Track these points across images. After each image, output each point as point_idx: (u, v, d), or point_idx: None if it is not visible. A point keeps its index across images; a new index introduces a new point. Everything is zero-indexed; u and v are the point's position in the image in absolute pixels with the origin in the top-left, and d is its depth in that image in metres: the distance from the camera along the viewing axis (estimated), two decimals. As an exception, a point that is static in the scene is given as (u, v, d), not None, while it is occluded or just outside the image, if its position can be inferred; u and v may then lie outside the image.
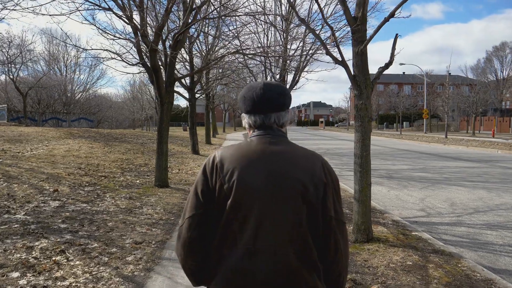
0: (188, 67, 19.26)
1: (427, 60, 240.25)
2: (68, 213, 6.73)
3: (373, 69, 5.49)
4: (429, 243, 5.65)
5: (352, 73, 5.53)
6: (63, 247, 5.07)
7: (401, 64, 56.16)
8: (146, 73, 9.37)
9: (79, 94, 35.35)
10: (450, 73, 39.34)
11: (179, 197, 8.58)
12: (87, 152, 13.95)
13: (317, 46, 11.81)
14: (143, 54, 9.30)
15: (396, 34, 5.68)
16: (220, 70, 23.24)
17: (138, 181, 10.22)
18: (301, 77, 12.40)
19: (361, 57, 5.46)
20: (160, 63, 10.60)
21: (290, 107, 1.83)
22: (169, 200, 8.19)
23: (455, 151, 23.41)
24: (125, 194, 8.53)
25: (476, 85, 58.61)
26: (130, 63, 9.43)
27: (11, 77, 24.27)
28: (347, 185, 10.87)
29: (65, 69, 34.16)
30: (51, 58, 33.45)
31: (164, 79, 9.47)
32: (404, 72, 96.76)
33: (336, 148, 26.19)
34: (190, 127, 19.05)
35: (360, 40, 5.46)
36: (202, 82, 20.83)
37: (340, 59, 5.58)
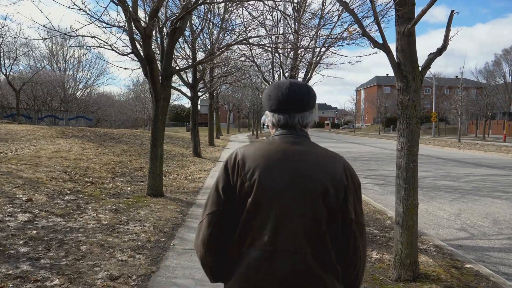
0: (190, 63, 18.01)
1: (433, 63, 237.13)
2: (35, 231, 5.47)
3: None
4: (493, 281, 4.35)
5: (396, 59, 4.24)
6: (11, 285, 3.80)
7: (409, 65, 54.68)
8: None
9: (79, 92, 34.19)
10: (457, 76, 38.06)
11: (174, 210, 7.29)
12: (78, 154, 12.71)
13: (333, 38, 10.51)
14: (136, 42, 8.04)
15: (452, 11, 4.41)
16: (225, 69, 22.05)
17: (129, 188, 8.96)
18: (314, 73, 11.10)
19: (407, 39, 4.18)
20: (159, 58, 9.39)
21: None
22: (161, 214, 6.91)
23: (473, 156, 22.03)
24: (111, 205, 7.27)
25: (485, 88, 57.29)
26: (120, 52, 8.16)
27: (4, 71, 23.03)
28: (367, 196, 9.59)
29: (63, 65, 32.97)
30: (50, 53, 32.27)
31: (160, 71, 8.22)
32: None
33: (346, 152, 24.84)
34: (192, 128, 17.76)
35: (407, 17, 4.18)
36: (206, 79, 19.56)
37: (380, 41, 4.29)
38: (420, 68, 4.24)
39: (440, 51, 4.27)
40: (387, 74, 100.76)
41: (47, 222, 5.97)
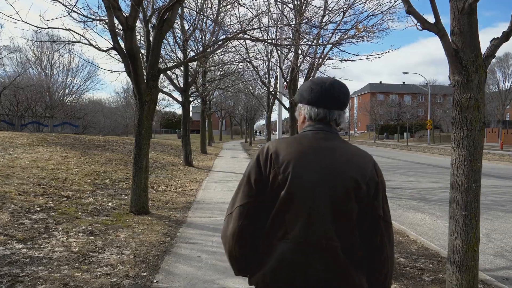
0: (182, 68, 16.97)
1: (423, 71, 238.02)
2: (-16, 264, 4.36)
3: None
4: None
5: (452, 45, 3.21)
6: None
7: (404, 73, 54.40)
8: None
9: (65, 97, 32.73)
10: (449, 84, 37.20)
11: (161, 231, 6.18)
12: (58, 163, 11.57)
13: (338, 36, 9.51)
14: (118, 36, 6.99)
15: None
16: (218, 73, 21.03)
17: (110, 203, 7.84)
18: (317, 73, 10.08)
19: (468, 18, 3.16)
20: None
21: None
22: (145, 237, 5.80)
23: (476, 166, 21.07)
24: (86, 225, 6.16)
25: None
26: (100, 48, 7.08)
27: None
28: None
29: (50, 69, 31.58)
30: (35, 57, 30.90)
31: (145, 70, 7.16)
32: (404, 82, 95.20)
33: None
34: (183, 135, 16.64)
35: (466, -11, 3.16)
36: (198, 83, 18.49)
37: (431, 20, 3.26)
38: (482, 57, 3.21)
39: (507, 35, 3.26)
40: (380, 82, 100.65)
41: (4, 250, 4.87)
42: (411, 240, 6.28)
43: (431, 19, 3.28)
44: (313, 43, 8.89)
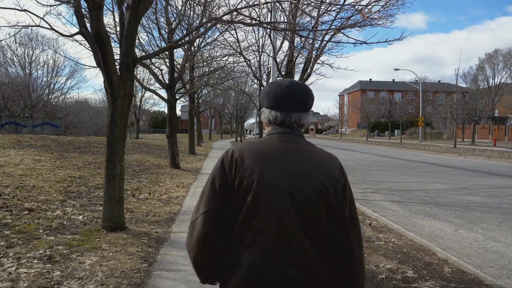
0: (167, 63, 15.84)
1: (411, 69, 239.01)
2: None
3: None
4: None
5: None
6: None
7: (396, 69, 54.03)
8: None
9: (48, 96, 31.24)
10: (439, 81, 36.75)
11: (137, 254, 5.04)
12: (28, 168, 10.38)
13: (340, 22, 8.44)
14: (85, 19, 5.86)
15: None
16: (207, 69, 19.94)
17: (81, 217, 6.70)
18: (317, 64, 9.01)
19: None
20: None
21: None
22: (116, 264, 4.67)
23: (479, 164, 20.16)
24: (46, 248, 5.02)
25: (473, 92, 56.95)
26: (61, 33, 5.94)
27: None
28: (389, 219, 7.52)
29: (29, 67, 30.07)
30: (14, 54, 29.40)
31: (119, 59, 6.02)
32: (393, 80, 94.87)
33: (340, 160, 22.83)
34: (169, 135, 15.47)
35: None
36: (185, 79, 17.33)
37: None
38: None
39: None
40: (370, 79, 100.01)
41: None
42: (440, 260, 5.22)
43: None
44: (313, 28, 7.79)
